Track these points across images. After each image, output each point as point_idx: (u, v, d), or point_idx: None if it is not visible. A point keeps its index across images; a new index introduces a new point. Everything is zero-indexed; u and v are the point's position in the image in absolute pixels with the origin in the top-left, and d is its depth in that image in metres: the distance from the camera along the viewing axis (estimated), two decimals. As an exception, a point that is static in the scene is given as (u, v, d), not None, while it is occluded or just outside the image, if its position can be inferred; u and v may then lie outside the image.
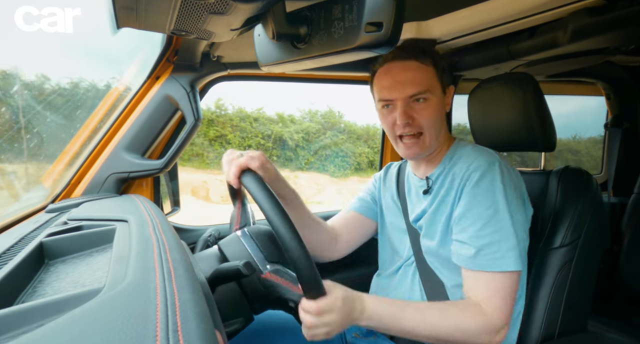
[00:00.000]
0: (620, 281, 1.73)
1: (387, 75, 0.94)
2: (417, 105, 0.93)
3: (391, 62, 0.94)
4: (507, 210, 0.84)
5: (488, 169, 0.87)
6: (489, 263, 0.83)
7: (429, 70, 0.93)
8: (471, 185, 0.88)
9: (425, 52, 0.94)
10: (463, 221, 0.88)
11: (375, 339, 1.05)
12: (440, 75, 0.95)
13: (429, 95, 0.92)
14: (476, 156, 0.91)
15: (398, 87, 0.92)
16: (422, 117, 0.93)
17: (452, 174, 0.94)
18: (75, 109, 1.63)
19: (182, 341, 0.30)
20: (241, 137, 9.18)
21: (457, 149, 0.99)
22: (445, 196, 0.94)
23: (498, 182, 0.86)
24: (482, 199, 0.86)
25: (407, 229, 1.05)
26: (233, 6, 0.58)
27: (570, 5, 1.01)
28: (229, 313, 0.80)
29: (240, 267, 0.74)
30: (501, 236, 0.83)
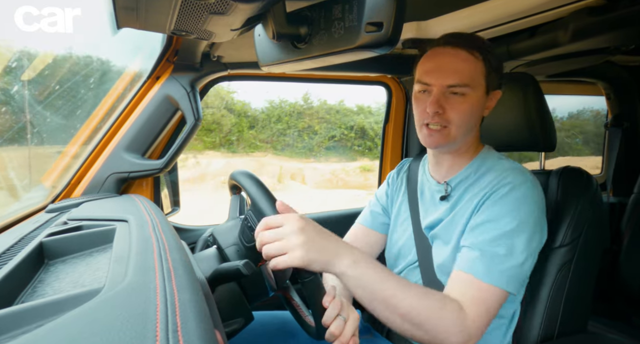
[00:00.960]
0: (619, 280, 1.73)
1: (431, 60, 0.89)
2: (453, 98, 0.86)
3: (440, 47, 0.88)
4: (526, 230, 0.80)
5: (519, 185, 0.83)
6: (488, 272, 0.78)
7: (477, 65, 0.86)
8: (498, 196, 0.83)
9: (479, 46, 0.87)
10: (478, 229, 0.83)
11: (371, 338, 1.04)
12: (487, 74, 0.88)
13: (469, 90, 0.85)
14: (510, 172, 0.87)
15: (438, 73, 0.86)
16: (454, 111, 0.86)
17: (480, 185, 0.88)
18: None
19: (182, 341, 0.30)
20: (327, 128, 9.64)
21: (487, 159, 0.93)
22: (465, 206, 0.88)
23: (527, 199, 0.82)
24: (505, 212, 0.81)
25: (415, 233, 0.99)
26: (233, 6, 0.58)
27: (571, 5, 1.01)
28: (228, 313, 0.80)
29: (240, 267, 0.74)
30: (510, 253, 0.79)
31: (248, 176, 0.81)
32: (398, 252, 1.05)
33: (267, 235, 0.69)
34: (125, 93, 1.31)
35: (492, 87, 0.91)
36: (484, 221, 0.83)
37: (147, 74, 1.28)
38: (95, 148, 1.25)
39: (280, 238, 0.68)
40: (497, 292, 0.78)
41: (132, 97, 1.27)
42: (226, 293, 0.81)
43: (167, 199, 1.51)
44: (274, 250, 0.68)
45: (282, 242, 0.67)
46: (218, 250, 0.90)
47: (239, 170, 0.86)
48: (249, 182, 0.79)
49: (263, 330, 1.04)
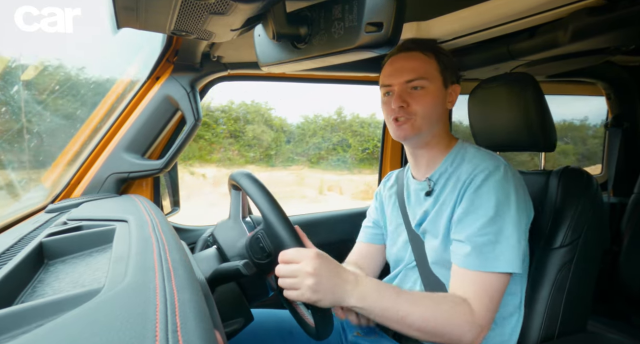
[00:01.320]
0: (619, 281, 1.73)
1: (390, 65, 1.00)
2: (414, 92, 0.95)
3: (396, 55, 0.99)
4: (509, 212, 0.84)
5: (493, 172, 0.87)
6: (482, 263, 0.83)
7: (431, 62, 0.96)
8: (474, 187, 0.88)
9: (431, 48, 0.97)
10: (463, 222, 0.87)
11: (377, 338, 1.04)
12: (442, 69, 0.97)
13: (426, 83, 0.94)
14: (482, 159, 0.91)
15: (397, 73, 0.97)
16: (417, 104, 0.94)
17: (457, 176, 0.93)
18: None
19: (182, 341, 0.29)
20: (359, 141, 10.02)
21: (461, 151, 0.99)
22: (447, 197, 0.93)
23: (502, 184, 0.86)
24: (484, 200, 0.85)
25: (409, 236, 1.04)
26: (233, 6, 0.58)
27: (571, 5, 1.01)
28: (228, 313, 0.80)
29: (240, 267, 0.74)
30: (499, 237, 0.83)
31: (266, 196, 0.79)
32: (396, 256, 1.09)
33: (283, 270, 0.74)
34: (125, 93, 1.31)
35: (450, 82, 0.99)
36: (467, 212, 0.87)
37: (147, 74, 1.28)
38: (95, 148, 1.25)
39: (295, 275, 0.73)
40: (497, 277, 0.83)
41: (132, 98, 1.27)
42: (226, 293, 0.81)
43: (167, 199, 1.51)
44: (287, 285, 0.73)
45: (295, 280, 0.73)
46: (218, 250, 0.90)
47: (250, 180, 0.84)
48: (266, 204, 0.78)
49: (263, 330, 1.04)
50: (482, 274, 0.82)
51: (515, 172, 0.92)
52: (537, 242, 1.02)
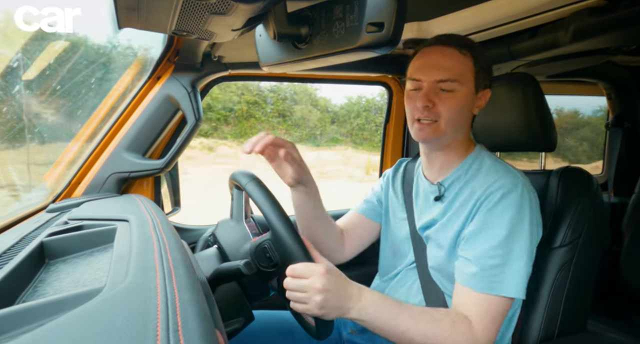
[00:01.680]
0: (620, 280, 1.73)
1: (422, 57, 0.92)
2: (443, 93, 0.88)
3: (431, 46, 0.91)
4: (521, 235, 0.82)
5: (510, 191, 0.84)
6: (487, 285, 0.80)
7: (467, 62, 0.89)
8: (490, 205, 0.84)
9: (469, 46, 0.90)
10: (473, 240, 0.84)
11: (371, 335, 1.04)
12: (477, 72, 0.90)
13: (458, 86, 0.88)
14: (500, 175, 0.87)
15: (428, 69, 0.89)
16: (444, 106, 0.88)
17: (471, 187, 0.90)
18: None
19: (183, 340, 0.30)
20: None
21: (478, 159, 0.94)
22: (459, 209, 0.90)
23: (518, 205, 0.83)
24: (498, 220, 0.82)
25: (411, 234, 1.01)
26: (234, 6, 0.58)
27: (572, 5, 1.01)
28: (229, 313, 0.80)
29: (241, 267, 0.74)
30: (508, 260, 0.81)
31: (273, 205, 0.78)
32: (395, 252, 1.06)
33: (291, 284, 0.74)
34: (127, 93, 1.31)
35: (482, 86, 0.92)
36: (478, 231, 0.84)
37: (148, 74, 1.28)
38: (96, 148, 1.25)
39: (303, 291, 0.73)
40: (500, 301, 0.81)
41: (133, 97, 1.27)
42: (227, 292, 0.81)
43: (167, 198, 1.51)
44: (295, 299, 0.73)
45: (303, 295, 0.73)
46: (219, 250, 0.90)
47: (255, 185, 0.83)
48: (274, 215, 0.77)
49: (263, 330, 1.04)
50: (486, 296, 0.81)
51: (532, 190, 0.88)
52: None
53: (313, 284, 0.72)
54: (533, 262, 0.85)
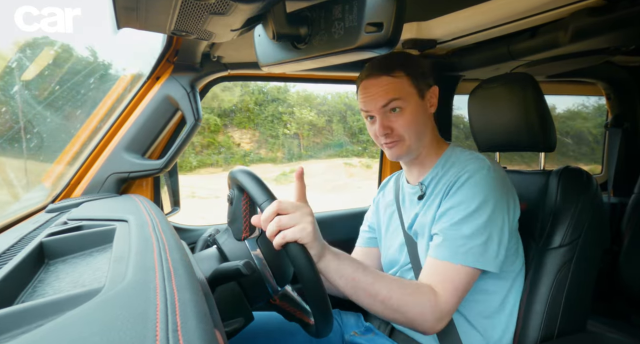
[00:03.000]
0: (619, 281, 1.73)
1: (363, 92, 0.99)
2: (393, 115, 0.96)
3: (366, 80, 0.97)
4: (486, 210, 0.86)
5: (475, 172, 0.89)
6: (451, 254, 0.84)
7: (401, 81, 0.95)
8: (458, 185, 0.90)
9: (400, 64, 0.96)
10: (443, 217, 0.90)
11: (373, 337, 1.05)
12: (415, 82, 0.96)
13: (402, 103, 0.94)
14: (468, 161, 0.93)
15: (370, 100, 0.96)
16: (400, 126, 0.96)
17: (446, 178, 0.95)
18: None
19: (182, 340, 0.30)
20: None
21: (452, 155, 1.00)
22: (434, 198, 0.96)
23: (483, 183, 0.88)
24: (464, 198, 0.88)
25: (405, 239, 1.05)
26: (233, 7, 0.58)
27: (571, 5, 1.01)
28: (229, 313, 0.80)
29: (241, 267, 0.74)
30: (472, 233, 0.85)
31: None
32: (391, 258, 1.09)
33: (283, 205, 0.74)
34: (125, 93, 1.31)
35: (425, 88, 0.98)
36: (446, 209, 0.90)
37: (147, 74, 1.28)
38: (96, 148, 1.25)
39: (294, 211, 0.74)
40: (464, 270, 0.84)
41: (132, 97, 1.27)
42: (226, 292, 0.81)
43: (167, 199, 1.51)
44: (285, 222, 0.72)
45: (293, 217, 0.73)
46: (218, 250, 0.90)
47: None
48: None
49: (263, 330, 1.04)
50: (450, 264, 0.84)
51: (500, 172, 0.93)
52: (537, 242, 1.02)
53: (304, 209, 0.75)
54: (506, 239, 0.88)
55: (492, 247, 0.85)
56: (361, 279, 0.79)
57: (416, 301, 0.80)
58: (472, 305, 0.93)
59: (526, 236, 1.02)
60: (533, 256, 1.02)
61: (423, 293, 0.81)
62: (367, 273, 0.80)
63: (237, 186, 0.91)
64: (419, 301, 0.80)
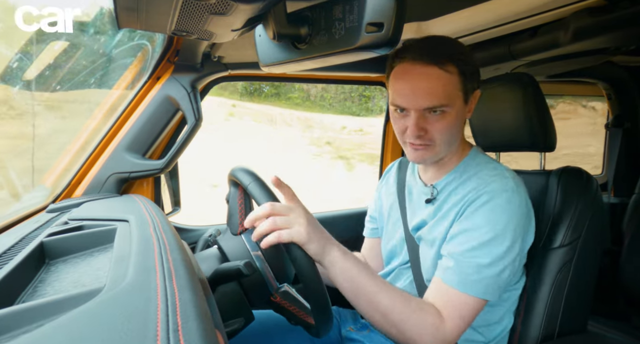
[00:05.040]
0: (620, 281, 1.73)
1: (403, 80, 0.85)
2: (433, 117, 0.84)
3: (411, 64, 0.83)
4: (505, 240, 0.80)
5: (499, 194, 0.82)
6: (462, 283, 0.79)
7: (452, 79, 0.82)
8: (477, 205, 0.83)
9: (450, 55, 0.82)
10: (456, 239, 0.84)
11: (368, 334, 1.05)
12: (464, 83, 0.84)
13: (448, 108, 0.83)
14: (492, 180, 0.85)
15: (413, 96, 0.83)
16: (436, 130, 0.85)
17: (463, 190, 0.88)
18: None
19: (183, 340, 0.30)
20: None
21: (473, 162, 0.93)
22: (448, 211, 0.89)
23: (506, 208, 0.81)
24: (483, 222, 0.81)
25: (405, 236, 1.02)
26: (234, 7, 0.58)
27: (572, 5, 1.01)
28: (229, 313, 0.80)
29: (241, 267, 0.74)
30: (487, 264, 0.79)
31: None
32: (390, 252, 1.08)
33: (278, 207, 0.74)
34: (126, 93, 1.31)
35: (470, 93, 0.88)
36: (462, 231, 0.83)
37: (148, 74, 1.28)
38: (96, 148, 1.25)
39: (288, 214, 0.73)
40: (472, 301, 0.79)
41: (132, 98, 1.27)
42: (227, 292, 0.81)
43: (168, 199, 1.51)
44: (279, 224, 0.72)
45: (286, 218, 0.72)
46: (219, 250, 0.90)
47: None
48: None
49: (263, 330, 1.04)
50: (458, 292, 0.80)
51: (523, 195, 0.85)
52: (537, 242, 1.02)
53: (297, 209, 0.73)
54: (515, 269, 0.84)
55: (503, 278, 0.81)
56: (365, 286, 0.75)
57: (418, 320, 0.76)
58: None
59: (526, 236, 1.02)
60: (533, 256, 1.02)
61: (428, 313, 0.77)
62: (373, 280, 0.76)
63: (234, 183, 0.91)
64: (421, 321, 0.76)
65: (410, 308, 0.76)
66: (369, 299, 0.76)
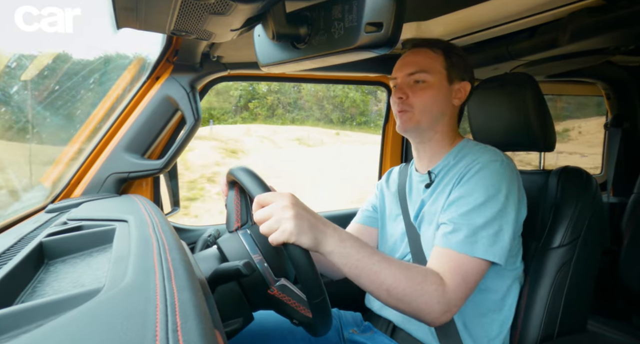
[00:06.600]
0: (620, 280, 1.73)
1: (399, 61, 1.02)
2: (416, 86, 0.97)
3: (409, 51, 1.02)
4: (497, 202, 0.84)
5: (489, 163, 0.88)
6: (460, 243, 0.82)
7: (437, 58, 0.97)
8: (470, 175, 0.89)
9: (438, 44, 0.99)
10: (451, 206, 0.88)
11: (372, 335, 1.05)
12: (448, 66, 0.98)
13: (427, 76, 0.96)
14: (481, 153, 0.92)
15: (401, 66, 1.00)
16: (417, 97, 0.97)
17: (457, 168, 0.94)
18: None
19: (182, 340, 0.30)
20: None
21: (465, 147, 1.00)
22: (444, 187, 0.95)
23: (496, 175, 0.86)
24: (475, 188, 0.86)
25: (406, 228, 1.04)
26: (233, 6, 0.58)
27: (570, 5, 1.01)
28: (228, 313, 0.80)
29: (241, 267, 0.74)
30: (483, 224, 0.83)
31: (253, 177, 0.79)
32: (390, 249, 1.09)
33: (260, 213, 0.73)
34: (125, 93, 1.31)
35: (457, 78, 1.00)
36: (457, 198, 0.88)
37: (147, 74, 1.28)
38: (95, 148, 1.25)
39: (272, 214, 0.71)
40: (473, 261, 0.82)
41: (131, 98, 1.27)
42: (226, 292, 0.81)
43: (167, 199, 1.51)
44: (267, 227, 0.71)
45: (274, 218, 0.71)
46: (218, 250, 0.90)
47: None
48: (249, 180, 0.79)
49: (263, 330, 1.04)
50: (458, 254, 0.82)
51: (513, 168, 0.91)
52: (537, 242, 1.02)
53: (280, 203, 0.72)
54: (513, 234, 0.86)
55: (503, 239, 0.83)
56: (366, 266, 0.75)
57: (423, 290, 0.76)
58: (468, 303, 0.91)
59: (526, 235, 1.02)
60: (533, 255, 1.02)
61: (431, 282, 0.78)
62: (374, 259, 0.76)
63: (230, 183, 0.92)
64: (425, 290, 0.76)
65: (414, 281, 0.76)
66: (372, 280, 0.76)
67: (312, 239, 0.71)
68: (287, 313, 0.84)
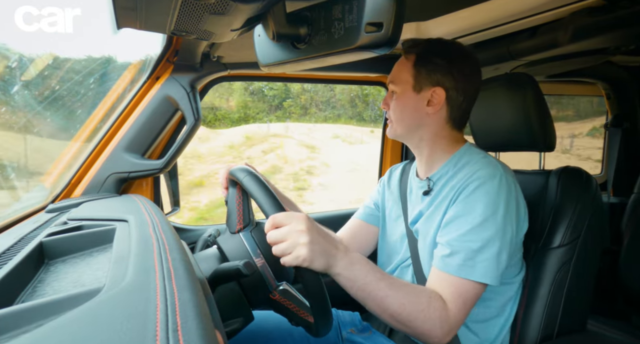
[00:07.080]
0: (619, 280, 1.73)
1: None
2: (393, 96, 1.00)
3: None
4: (495, 224, 0.82)
5: (486, 181, 0.85)
6: (458, 269, 0.82)
7: (406, 65, 0.96)
8: (468, 192, 0.86)
9: (413, 48, 0.96)
10: (449, 226, 0.87)
11: (370, 335, 1.05)
12: (416, 73, 0.94)
13: (394, 87, 0.98)
14: (481, 167, 0.89)
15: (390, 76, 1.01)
16: (391, 108, 1.00)
17: (455, 180, 0.91)
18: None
19: (182, 340, 0.30)
20: None
21: (465, 155, 0.97)
22: (442, 201, 0.92)
23: (493, 194, 0.84)
24: (473, 207, 0.84)
25: (406, 231, 1.03)
26: (233, 7, 0.58)
27: (571, 5, 1.01)
28: (229, 313, 0.80)
29: (241, 267, 0.74)
30: (480, 247, 0.82)
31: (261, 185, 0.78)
32: (391, 250, 1.09)
33: (274, 235, 0.73)
34: (125, 93, 1.31)
35: (426, 84, 0.94)
36: (454, 217, 0.86)
37: (147, 74, 1.28)
38: (95, 148, 1.25)
39: (287, 238, 0.72)
40: (472, 285, 0.82)
41: (132, 98, 1.27)
42: (226, 292, 0.81)
43: (167, 199, 1.51)
44: (281, 251, 0.72)
45: (288, 242, 0.71)
46: (218, 250, 0.90)
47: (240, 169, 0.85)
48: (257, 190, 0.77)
49: (263, 330, 1.04)
50: (458, 279, 0.82)
51: (512, 183, 0.89)
52: (536, 241, 1.02)
53: (296, 226, 0.72)
54: (511, 252, 0.86)
55: (500, 261, 0.83)
56: (372, 291, 0.76)
57: (426, 317, 0.77)
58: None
59: (526, 236, 1.02)
60: (533, 256, 1.02)
61: (434, 308, 0.79)
62: (380, 285, 0.77)
63: (232, 183, 0.92)
64: (429, 317, 0.78)
65: (418, 307, 0.78)
66: (377, 304, 0.77)
67: (324, 264, 0.73)
68: (288, 316, 0.84)
